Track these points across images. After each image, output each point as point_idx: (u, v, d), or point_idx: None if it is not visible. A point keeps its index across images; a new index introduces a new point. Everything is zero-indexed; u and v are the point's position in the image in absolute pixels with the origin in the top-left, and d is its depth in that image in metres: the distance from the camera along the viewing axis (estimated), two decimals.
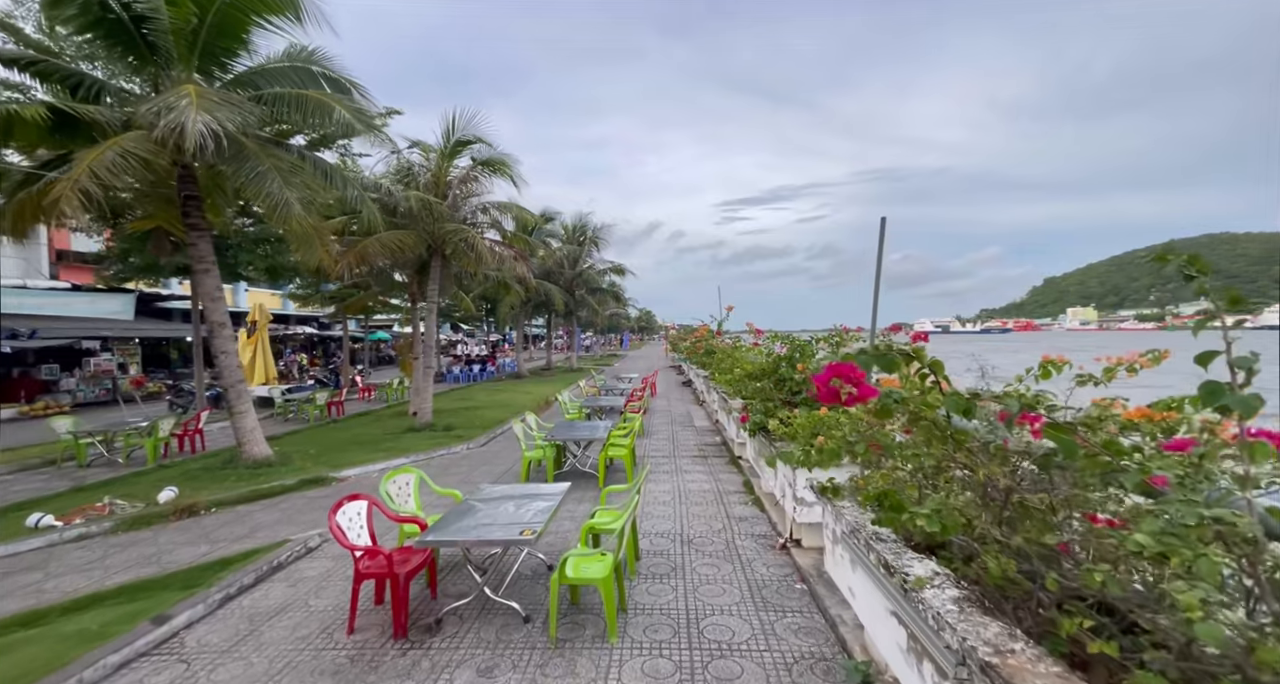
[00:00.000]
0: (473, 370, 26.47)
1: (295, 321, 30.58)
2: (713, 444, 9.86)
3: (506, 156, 11.18)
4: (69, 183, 5.84)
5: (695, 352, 13.01)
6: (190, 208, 7.59)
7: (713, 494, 6.72)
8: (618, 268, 29.77)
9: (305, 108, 7.47)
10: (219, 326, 7.89)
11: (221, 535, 5.72)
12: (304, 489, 7.43)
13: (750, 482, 7.01)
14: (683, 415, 13.42)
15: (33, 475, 8.71)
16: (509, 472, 8.18)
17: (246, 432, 8.24)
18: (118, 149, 6.21)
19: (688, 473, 7.82)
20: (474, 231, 10.68)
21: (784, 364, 5.36)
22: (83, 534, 5.74)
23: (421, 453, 9.29)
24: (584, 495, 6.80)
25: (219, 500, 6.71)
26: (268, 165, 7.03)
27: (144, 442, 9.18)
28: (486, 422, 12.40)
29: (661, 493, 6.82)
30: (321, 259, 8.07)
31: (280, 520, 6.22)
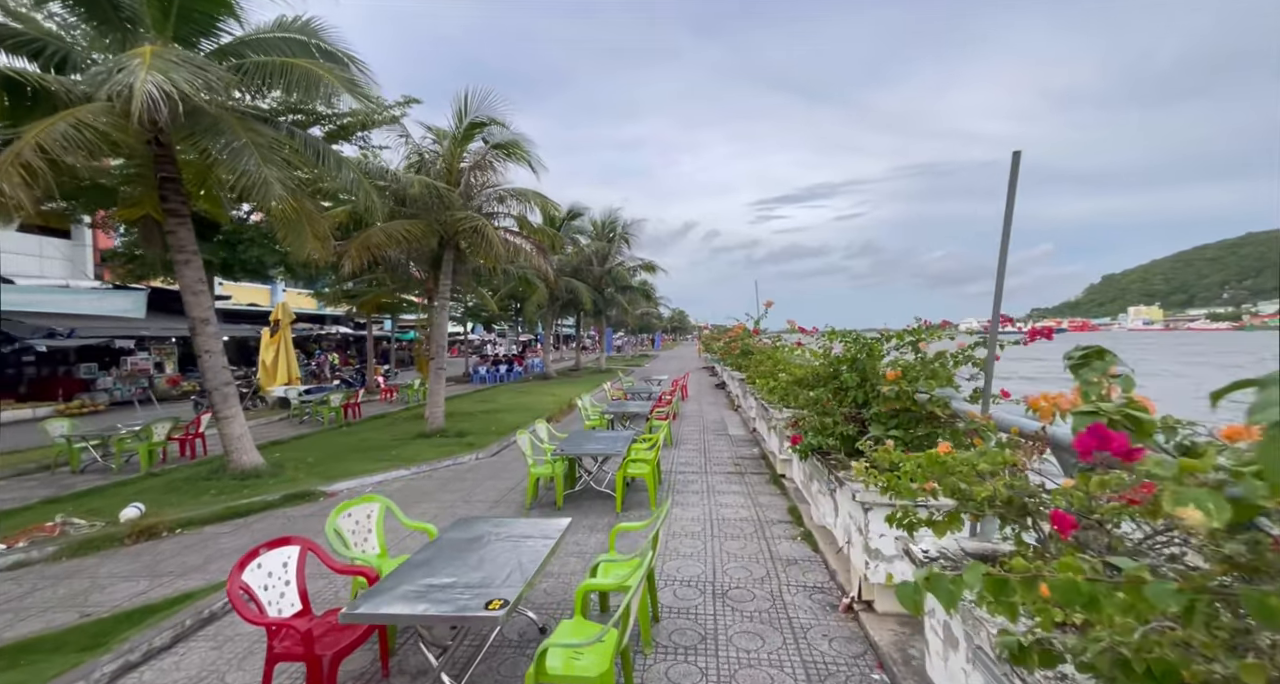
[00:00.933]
0: (499, 371, 25.84)
1: (330, 321, 30.70)
2: (750, 457, 8.63)
3: (521, 137, 10.20)
4: (9, 156, 5.11)
5: (730, 352, 11.76)
6: (168, 191, 6.88)
7: (752, 524, 5.53)
8: (648, 265, 28.68)
9: (290, 77, 6.65)
10: (201, 323, 7.16)
11: (170, 566, 4.88)
12: (287, 505, 6.60)
13: (797, 508, 5.78)
14: (716, 422, 12.20)
15: (23, 481, 8.21)
16: (516, 488, 7.17)
17: (234, 439, 7.49)
18: (70, 120, 5.47)
19: (721, 493, 6.64)
20: (483, 219, 9.74)
21: (846, 369, 4.13)
22: (20, 561, 4.99)
23: (425, 463, 8.39)
24: (597, 522, 5.71)
25: (186, 520, 5.91)
26: (245, 140, 6.22)
27: (138, 447, 8.60)
28: (502, 427, 11.48)
29: (690, 521, 5.66)
30: (311, 248, 7.25)
31: (246, 546, 5.34)
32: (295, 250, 7.37)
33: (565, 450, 6.20)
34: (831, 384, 4.31)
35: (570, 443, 6.53)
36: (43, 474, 8.64)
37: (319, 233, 7.55)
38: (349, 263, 9.47)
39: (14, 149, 5.19)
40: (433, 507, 6.45)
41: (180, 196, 7.00)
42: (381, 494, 7.26)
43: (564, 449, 6.22)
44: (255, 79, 6.62)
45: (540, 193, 10.86)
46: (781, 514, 5.80)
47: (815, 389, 4.22)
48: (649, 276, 30.07)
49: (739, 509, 6.01)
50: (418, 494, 6.99)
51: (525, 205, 11.32)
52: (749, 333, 11.10)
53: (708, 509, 6.03)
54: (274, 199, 6.13)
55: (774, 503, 6.20)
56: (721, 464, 8.18)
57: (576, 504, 6.34)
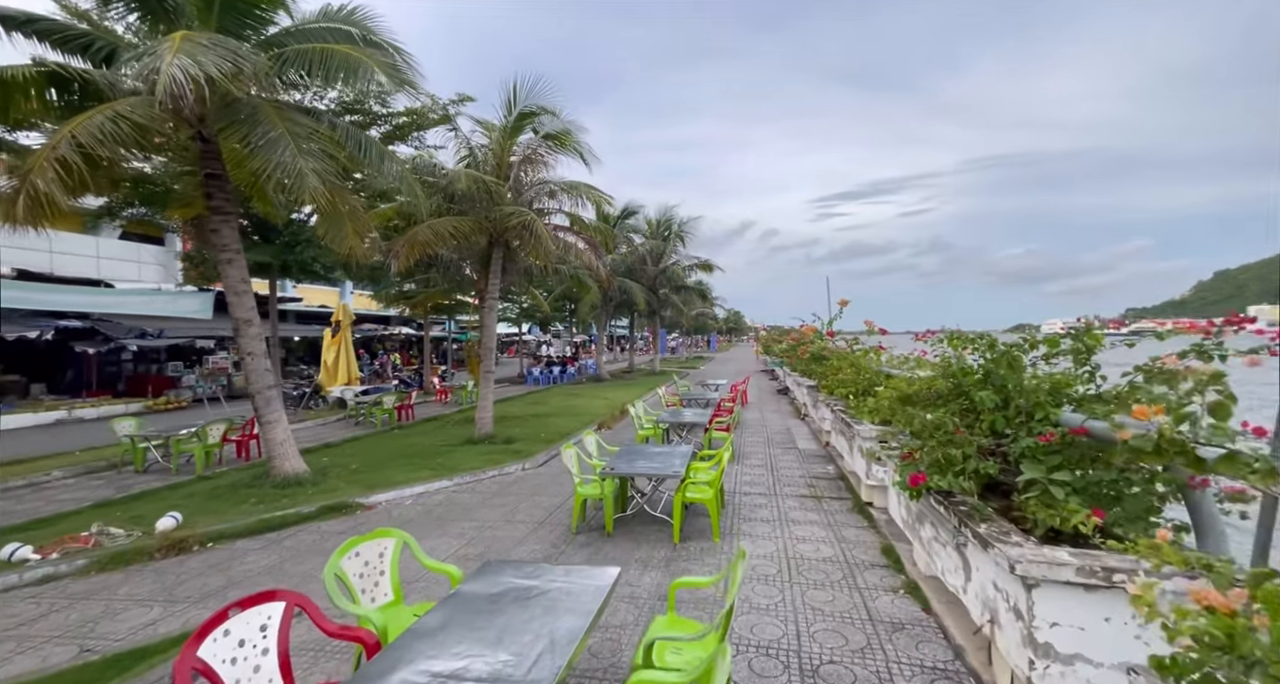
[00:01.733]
0: (553, 372, 25.61)
1: (396, 322, 31.61)
2: (825, 477, 7.58)
3: (573, 124, 9.57)
4: (45, 151, 4.91)
5: (798, 357, 10.65)
6: (212, 188, 6.68)
7: (839, 567, 4.56)
8: (705, 264, 27.63)
9: (330, 64, 6.26)
10: (244, 324, 6.93)
11: (188, 590, 4.48)
12: (322, 518, 6.21)
13: (893, 548, 4.75)
14: (780, 432, 11.14)
15: (90, 480, 8.36)
16: (563, 506, 6.49)
17: (276, 444, 7.24)
18: (108, 113, 5.26)
19: (796, 523, 5.67)
20: (532, 215, 9.17)
21: (978, 385, 3.13)
22: (48, 575, 4.76)
23: (469, 473, 7.89)
24: (651, 556, 4.90)
25: (217, 533, 5.59)
26: (281, 130, 5.87)
27: (194, 448, 8.59)
28: (551, 434, 10.92)
29: (761, 559, 4.76)
30: (351, 244, 6.88)
31: (272, 567, 4.93)
32: (335, 245, 7.02)
33: (616, 469, 5.43)
34: (955, 404, 3.31)
35: (621, 459, 5.77)
36: (109, 473, 8.81)
37: (360, 229, 7.18)
38: (397, 261, 9.16)
39: (50, 143, 5.01)
40: (471, 526, 5.86)
41: (225, 194, 6.79)
42: (421, 508, 6.83)
43: (614, 467, 5.46)
44: (296, 67, 6.28)
45: (592, 186, 10.20)
46: (874, 555, 4.79)
47: (935, 410, 3.24)
48: (705, 276, 29.01)
49: (820, 545, 5.04)
50: (457, 510, 6.44)
51: (576, 200, 10.71)
52: (821, 335, 9.99)
53: (782, 544, 5.10)
54: (309, 191, 5.73)
55: (862, 539, 5.18)
56: (793, 484, 7.19)
57: (627, 530, 5.58)
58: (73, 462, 9.16)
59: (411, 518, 6.23)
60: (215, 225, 6.74)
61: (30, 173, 4.86)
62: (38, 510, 6.76)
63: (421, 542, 5.38)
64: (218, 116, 6.16)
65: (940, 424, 3.05)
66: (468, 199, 9.99)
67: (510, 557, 5.02)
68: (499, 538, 5.49)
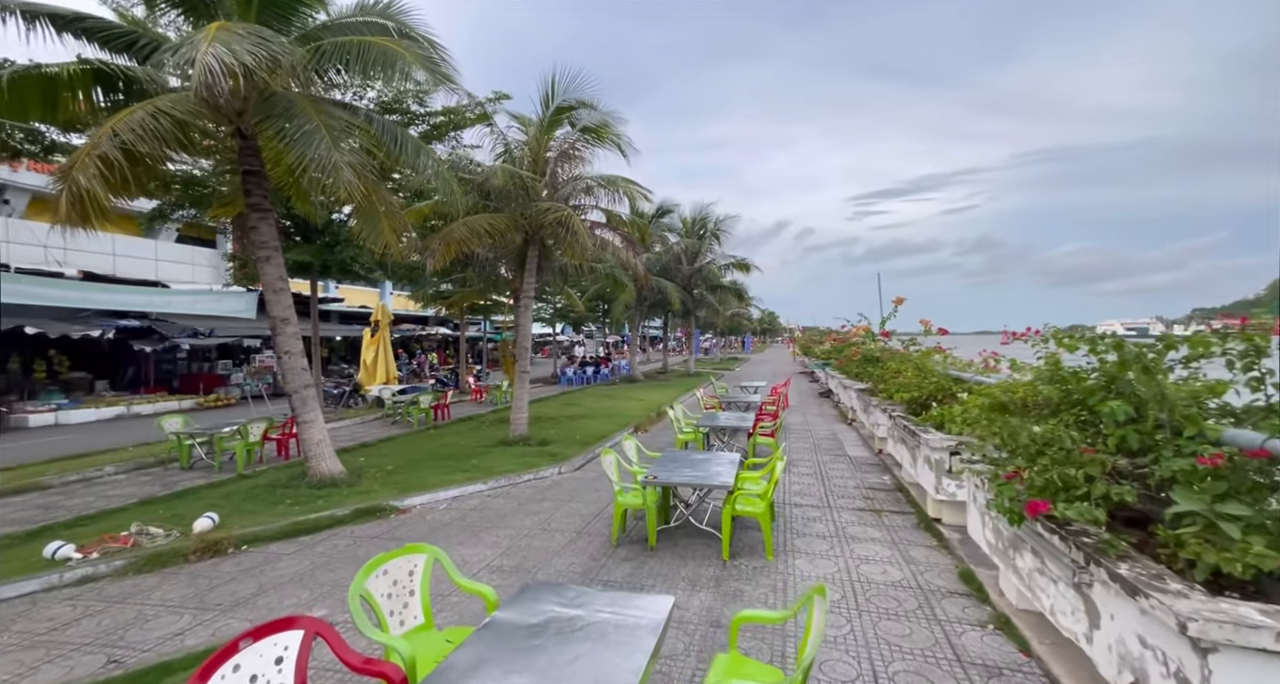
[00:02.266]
0: (587, 373, 25.44)
1: (434, 322, 32.09)
2: (882, 488, 7.02)
3: (612, 115, 9.25)
4: (87, 147, 4.87)
5: (848, 359, 10.04)
6: (251, 185, 6.63)
7: (912, 593, 4.06)
8: (741, 264, 26.98)
9: (367, 57, 6.10)
10: (281, 322, 6.86)
11: (220, 596, 4.33)
12: (356, 522, 6.05)
13: (972, 573, 4.21)
14: (827, 437, 10.55)
15: (138, 476, 8.50)
16: (601, 514, 6.16)
17: (313, 445, 7.16)
18: (149, 109, 5.21)
19: (857, 540, 5.18)
20: (568, 211, 8.90)
21: (1097, 393, 2.63)
22: (87, 576, 4.70)
23: (504, 476, 7.65)
24: (699, 574, 4.51)
25: (252, 536, 5.48)
26: (316, 123, 5.74)
27: (235, 446, 8.65)
28: (587, 436, 10.64)
29: (822, 581, 4.30)
30: (386, 240, 6.72)
31: (304, 574, 4.75)
32: (371, 243, 6.89)
33: (659, 476, 5.06)
34: (1068, 415, 2.80)
35: (663, 467, 5.39)
36: (157, 469, 8.96)
37: (396, 227, 7.04)
38: (433, 260, 9.04)
39: (92, 140, 4.98)
40: (505, 535, 5.59)
41: (263, 191, 6.74)
42: (455, 513, 6.62)
43: (657, 477, 5.09)
44: (333, 61, 6.14)
45: (631, 180, 9.86)
46: (950, 580, 4.27)
47: (1044, 422, 2.74)
48: (741, 276, 28.34)
49: (887, 567, 4.54)
50: (492, 517, 6.19)
51: (614, 195, 10.38)
52: (873, 335, 9.38)
53: (844, 564, 4.63)
54: (343, 185, 5.57)
55: (934, 560, 4.66)
56: (847, 496, 6.67)
57: (671, 543, 5.20)
58: (125, 457, 9.37)
59: (445, 523, 6.01)
60: (254, 222, 6.70)
61: (72, 169, 4.83)
62: (87, 506, 6.85)
63: (454, 551, 5.16)
64: (256, 111, 6.08)
65: (1053, 439, 2.56)
66: (503, 196, 9.80)
67: (547, 569, 4.72)
68: (535, 549, 5.19)
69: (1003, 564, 3.43)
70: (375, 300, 34.22)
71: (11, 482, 7.70)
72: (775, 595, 4.08)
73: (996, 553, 3.52)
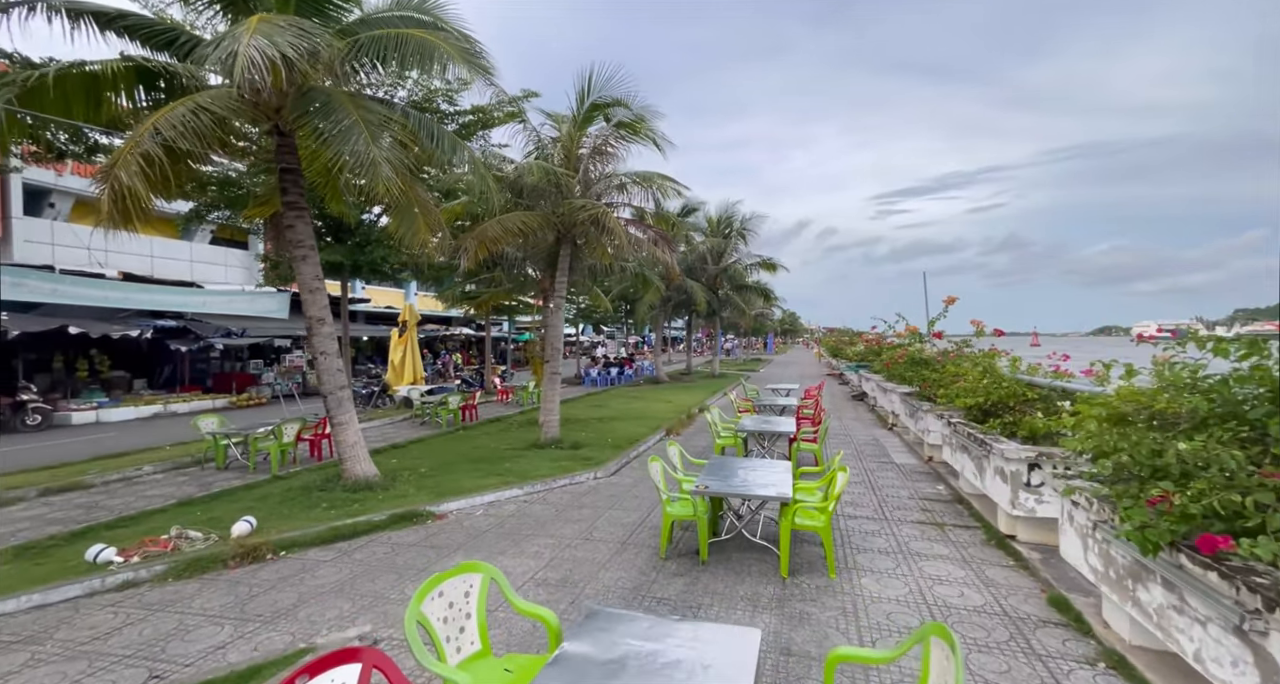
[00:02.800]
0: (610, 374, 25.24)
1: (457, 323, 32.30)
2: (937, 498, 6.64)
3: (649, 109, 8.98)
4: (129, 144, 4.79)
5: (895, 361, 9.61)
6: (287, 183, 6.54)
7: (1000, 621, 3.72)
8: (768, 263, 26.52)
9: (405, 49, 5.95)
10: (317, 322, 6.76)
11: (260, 607, 4.18)
12: (393, 528, 5.89)
13: (1066, 598, 3.84)
14: (869, 443, 10.15)
15: (175, 476, 8.52)
16: (645, 523, 5.91)
17: (348, 446, 7.05)
18: (189, 105, 5.12)
19: (923, 557, 4.83)
20: (604, 208, 8.67)
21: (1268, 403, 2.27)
22: (128, 581, 4.61)
23: (539, 481, 7.45)
24: (758, 593, 4.22)
25: (290, 541, 5.36)
26: (355, 118, 5.60)
27: (269, 447, 8.63)
28: (619, 439, 10.40)
29: (893, 605, 3.98)
30: (424, 238, 6.57)
31: (344, 583, 4.59)
32: (408, 241, 6.75)
33: (709, 486, 4.78)
34: (1221, 431, 2.45)
35: (713, 476, 5.11)
36: (194, 469, 8.98)
37: (432, 224, 6.88)
38: (465, 259, 8.90)
39: (134, 136, 4.90)
40: (547, 544, 5.37)
41: (299, 189, 6.65)
42: (493, 519, 6.43)
43: (708, 486, 4.81)
44: (370, 54, 6.01)
45: (667, 176, 9.59)
46: (1039, 606, 3.90)
47: (1187, 439, 2.40)
48: (767, 276, 27.85)
49: (964, 589, 4.20)
50: (532, 524, 5.98)
51: (647, 192, 10.12)
52: (921, 337, 8.97)
53: (915, 585, 4.29)
54: (382, 180, 5.42)
55: (1015, 583, 4.29)
56: (903, 507, 6.31)
57: (723, 557, 4.92)
58: (163, 457, 9.43)
59: (484, 530, 5.82)
60: (290, 221, 6.61)
61: (115, 166, 4.76)
62: (127, 506, 6.84)
63: (496, 561, 4.95)
64: (294, 107, 5.98)
65: (1210, 459, 2.22)
66: (536, 194, 9.63)
67: (594, 583, 4.48)
68: (579, 560, 4.96)
69: (1116, 594, 3.07)
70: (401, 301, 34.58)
71: (56, 480, 7.77)
72: (846, 620, 3.77)
73: (1106, 582, 3.16)
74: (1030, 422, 4.81)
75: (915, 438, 9.59)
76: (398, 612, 4.04)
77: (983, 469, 5.40)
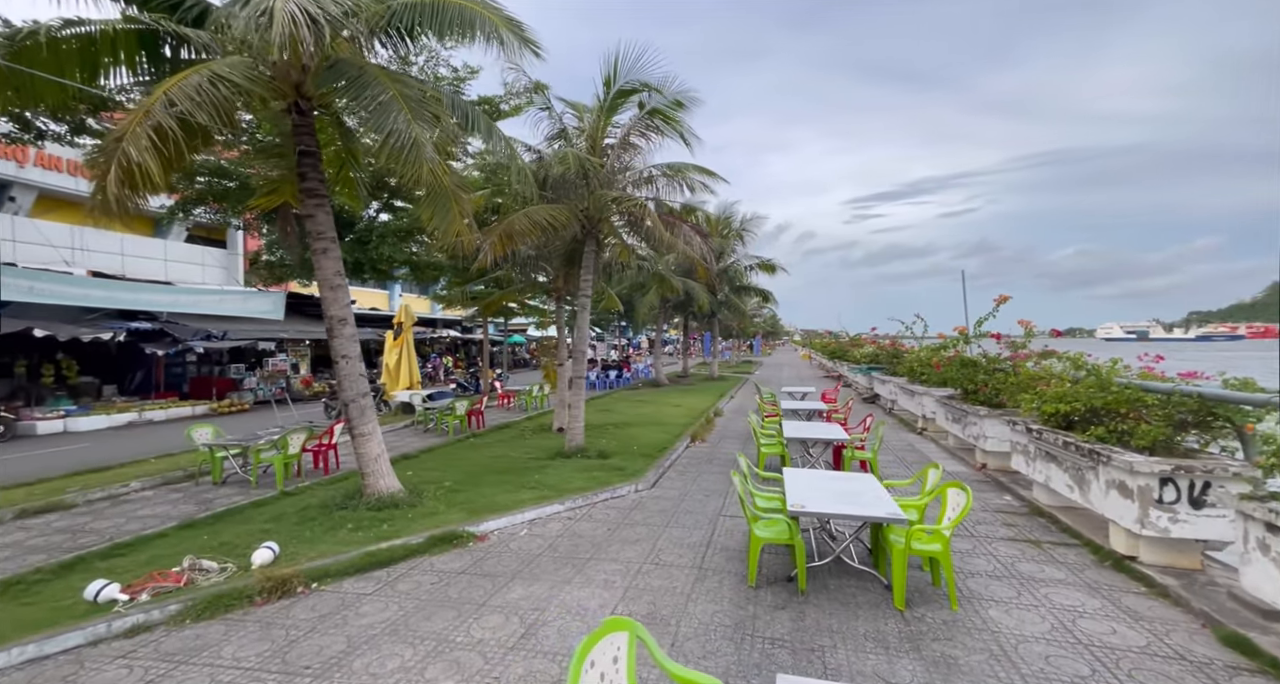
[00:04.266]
0: (609, 377, 24.65)
1: (441, 325, 31.36)
2: (1012, 510, 6.26)
3: (684, 95, 8.45)
4: (138, 114, 4.11)
5: (947, 362, 9.22)
6: (306, 167, 5.85)
7: (1179, 666, 3.27)
8: (766, 264, 26.20)
9: (443, 17, 5.34)
10: (339, 323, 6.09)
11: (303, 654, 3.54)
12: (433, 552, 5.25)
13: (1243, 636, 3.42)
14: (904, 449, 9.79)
15: (168, 493, 7.70)
16: (713, 545, 5.38)
17: (370, 460, 6.38)
18: (206, 73, 4.45)
19: (1042, 584, 4.39)
20: (641, 201, 8.13)
21: None
22: (138, 625, 3.90)
23: (579, 496, 6.87)
24: (880, 630, 3.72)
25: (322, 571, 4.69)
26: (392, 92, 4.97)
27: (273, 460, 7.86)
28: (645, 446, 9.85)
29: (1042, 643, 3.51)
30: (458, 230, 5.95)
31: (395, 623, 3.95)
32: (441, 233, 6.11)
33: (808, 507, 4.27)
34: None
35: (801, 492, 4.60)
36: (187, 484, 8.17)
37: (465, 213, 6.26)
38: (488, 255, 8.27)
39: (143, 106, 4.21)
40: (614, 571, 4.80)
41: (318, 174, 5.97)
42: (541, 541, 5.80)
43: (804, 505, 4.30)
44: (405, 22, 5.38)
45: (703, 167, 9.07)
46: (1210, 646, 3.45)
47: None
48: (766, 277, 27.55)
49: (1114, 625, 3.74)
50: (588, 546, 5.40)
51: (673, 185, 9.58)
52: (966, 338, 8.62)
53: (1052, 618, 3.84)
54: (426, 162, 4.81)
55: (1164, 616, 3.85)
56: (982, 522, 5.89)
57: (821, 585, 4.42)
58: (150, 471, 8.57)
59: (536, 554, 5.22)
60: (310, 210, 5.92)
61: (122, 140, 4.06)
62: (119, 530, 6.06)
63: (564, 593, 4.37)
64: (318, 80, 5.31)
65: None
66: (561, 186, 9.05)
67: (687, 620, 3.93)
68: (658, 590, 4.41)
69: None
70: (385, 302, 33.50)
71: (31, 499, 6.91)
72: (1000, 666, 3.29)
73: None
74: (1151, 430, 4.42)
75: (958, 443, 9.25)
76: (472, 660, 3.44)
77: (1084, 481, 5.00)
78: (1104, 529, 5.05)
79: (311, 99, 5.66)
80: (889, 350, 15.12)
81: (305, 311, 19.84)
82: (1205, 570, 4.33)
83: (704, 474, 8.22)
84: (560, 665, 3.38)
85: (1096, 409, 5.09)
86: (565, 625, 3.86)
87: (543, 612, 4.06)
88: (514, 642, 3.66)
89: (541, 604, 4.18)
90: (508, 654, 3.51)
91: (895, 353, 14.46)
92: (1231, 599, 3.82)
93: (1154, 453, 4.48)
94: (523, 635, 3.73)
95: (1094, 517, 5.44)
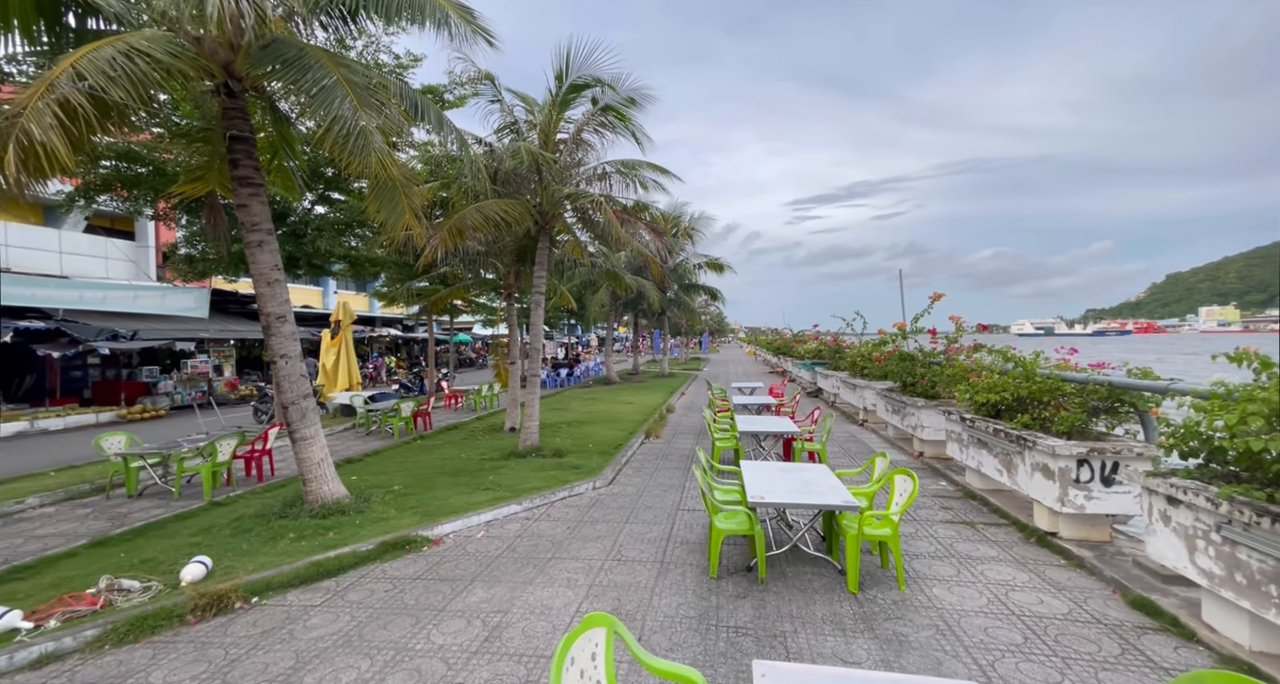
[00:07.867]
0: (560, 375, 24.39)
1: (381, 323, 30.00)
2: (948, 494, 6.70)
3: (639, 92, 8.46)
4: (40, 87, 3.68)
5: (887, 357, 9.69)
6: (239, 154, 5.44)
7: (1096, 629, 3.61)
8: (715, 263, 26.68)
9: (391, 0, 5.09)
10: (278, 320, 5.71)
11: (246, 674, 3.30)
12: (384, 558, 5.03)
13: (1149, 599, 3.81)
14: (848, 440, 10.25)
15: (74, 508, 7.00)
16: (672, 538, 5.44)
17: (313, 465, 6.03)
18: (120, 46, 4.05)
19: (978, 561, 4.72)
20: (596, 196, 8.09)
21: None
22: (47, 654, 3.52)
23: (536, 495, 6.77)
24: (836, 612, 3.89)
25: (263, 583, 4.39)
26: (337, 76, 4.69)
27: (200, 468, 7.27)
28: (600, 443, 9.83)
29: (982, 616, 3.78)
30: (407, 223, 5.71)
31: (348, 634, 3.76)
32: (389, 227, 5.82)
33: (767, 498, 4.40)
34: None
35: (758, 484, 4.74)
36: (96, 498, 7.44)
37: (415, 207, 6.01)
38: (436, 250, 7.97)
39: (45, 79, 3.77)
40: (577, 569, 4.77)
41: (253, 161, 5.57)
42: (500, 542, 5.66)
43: (764, 496, 4.43)
44: (348, 4, 5.09)
45: (657, 165, 9.11)
46: (1121, 609, 3.83)
47: None
48: (715, 276, 28.06)
49: (1041, 596, 4.08)
50: (548, 546, 5.33)
51: (627, 182, 9.58)
52: (904, 334, 9.12)
53: (989, 593, 4.14)
54: (374, 153, 4.58)
55: (1081, 584, 4.24)
56: (923, 506, 6.26)
57: (778, 573, 4.57)
58: (49, 485, 7.75)
59: (495, 556, 5.10)
60: (243, 199, 5.51)
61: (21, 116, 3.61)
62: (16, 551, 5.45)
63: (527, 593, 4.31)
64: (253, 59, 4.94)
65: None
66: (513, 181, 8.87)
67: (653, 613, 3.96)
68: (622, 586, 4.42)
69: (1248, 600, 2.96)
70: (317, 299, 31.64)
71: None
72: (946, 640, 3.51)
73: (1229, 586, 3.08)
74: (1069, 416, 4.84)
75: (898, 433, 9.78)
76: (435, 667, 3.33)
77: (1013, 465, 5.42)
78: (1028, 509, 5.49)
79: (243, 80, 5.26)
80: (831, 346, 15.78)
81: (229, 309, 18.46)
82: (1113, 542, 4.80)
83: (661, 470, 8.30)
84: (527, 667, 3.32)
85: (1023, 398, 5.52)
86: (530, 626, 3.80)
87: (505, 613, 3.98)
88: (477, 646, 3.57)
89: (504, 606, 4.09)
90: (472, 658, 3.42)
91: (837, 349, 15.10)
92: (1136, 566, 4.25)
93: (1071, 437, 4.90)
94: (486, 639, 3.65)
95: (1019, 498, 5.91)
